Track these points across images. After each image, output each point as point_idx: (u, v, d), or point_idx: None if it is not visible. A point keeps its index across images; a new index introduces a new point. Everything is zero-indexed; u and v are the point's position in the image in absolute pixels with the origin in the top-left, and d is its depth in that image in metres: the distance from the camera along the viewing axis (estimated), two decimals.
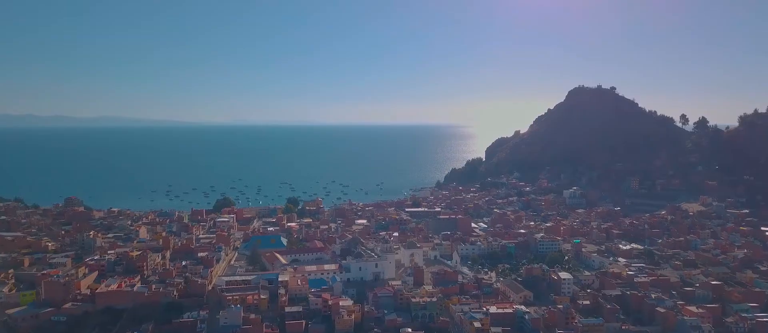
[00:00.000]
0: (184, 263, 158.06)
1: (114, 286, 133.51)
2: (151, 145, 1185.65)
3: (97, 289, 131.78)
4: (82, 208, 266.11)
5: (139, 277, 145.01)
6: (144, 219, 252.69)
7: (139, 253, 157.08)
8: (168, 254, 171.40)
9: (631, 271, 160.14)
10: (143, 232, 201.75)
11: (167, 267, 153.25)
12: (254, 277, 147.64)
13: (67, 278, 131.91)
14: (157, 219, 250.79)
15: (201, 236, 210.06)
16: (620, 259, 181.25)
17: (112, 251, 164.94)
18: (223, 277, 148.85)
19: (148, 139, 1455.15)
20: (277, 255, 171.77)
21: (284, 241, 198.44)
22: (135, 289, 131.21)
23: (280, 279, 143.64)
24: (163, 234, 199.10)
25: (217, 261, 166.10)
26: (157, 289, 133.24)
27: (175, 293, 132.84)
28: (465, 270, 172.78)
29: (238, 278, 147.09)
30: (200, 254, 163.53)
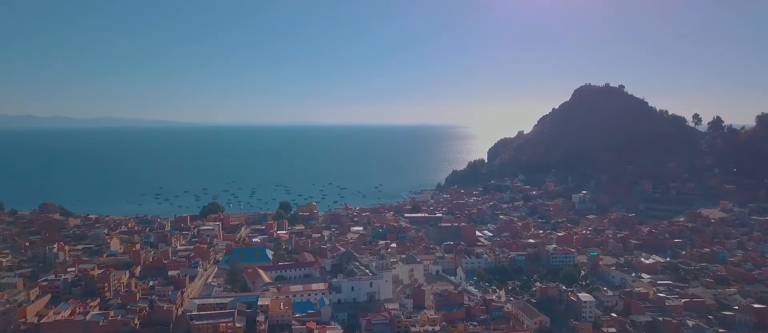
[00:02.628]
0: (151, 283, 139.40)
1: (66, 313, 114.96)
2: (148, 146, 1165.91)
3: (45, 316, 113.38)
4: (57, 215, 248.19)
5: (98, 300, 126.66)
6: (122, 227, 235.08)
7: (101, 271, 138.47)
8: (138, 271, 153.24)
9: (660, 291, 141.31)
10: (115, 244, 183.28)
11: (132, 288, 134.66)
12: (231, 299, 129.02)
13: (8, 305, 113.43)
14: (136, 227, 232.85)
15: (180, 248, 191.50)
16: (644, 274, 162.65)
17: (73, 268, 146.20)
18: (195, 300, 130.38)
19: (145, 140, 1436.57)
20: (260, 271, 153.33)
21: (270, 253, 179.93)
22: (88, 317, 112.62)
23: (260, 302, 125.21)
24: (137, 246, 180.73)
25: (192, 279, 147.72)
26: (115, 316, 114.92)
27: (136, 321, 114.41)
28: (471, 288, 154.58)
29: (212, 301, 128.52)
30: (171, 272, 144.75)
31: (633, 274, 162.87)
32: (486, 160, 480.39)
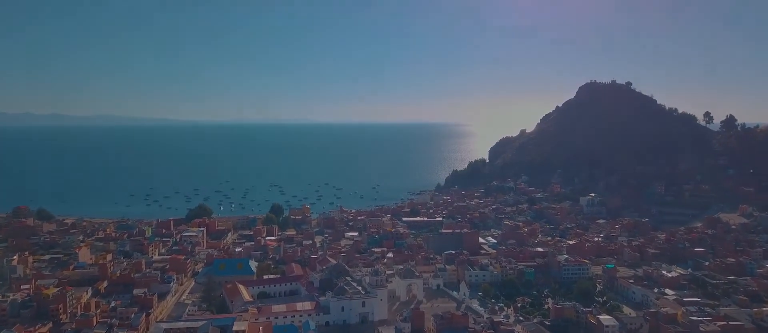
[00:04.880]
0: (113, 304, 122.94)
1: None
2: (143, 145, 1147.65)
3: None
4: (31, 220, 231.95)
5: (50, 325, 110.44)
6: (100, 233, 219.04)
7: (58, 289, 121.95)
8: (104, 287, 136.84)
9: (692, 313, 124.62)
10: (85, 254, 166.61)
11: (91, 310, 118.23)
12: (203, 323, 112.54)
13: None
14: (114, 233, 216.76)
15: (157, 258, 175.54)
16: (667, 290, 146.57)
17: (28, 286, 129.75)
18: (162, 323, 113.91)
19: (141, 138, 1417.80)
20: (241, 287, 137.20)
21: (253, 265, 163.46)
22: None
23: (235, 327, 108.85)
24: (108, 257, 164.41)
25: (163, 297, 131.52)
26: None
27: None
28: (475, 306, 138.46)
29: (181, 325, 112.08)
30: (136, 291, 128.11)
31: (655, 290, 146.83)
32: (487, 160, 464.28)
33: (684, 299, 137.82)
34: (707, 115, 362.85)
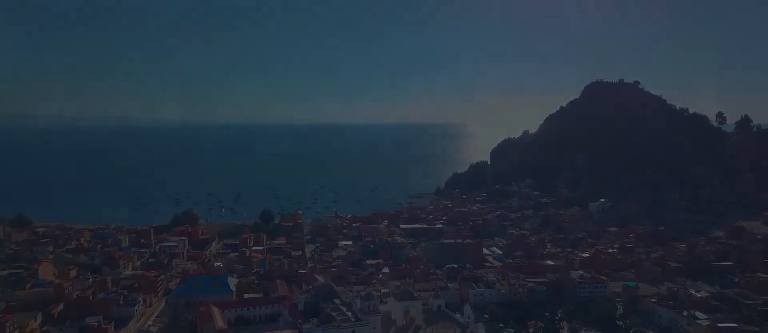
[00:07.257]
0: None
1: None
2: (140, 146, 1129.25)
3: None
4: (0, 228, 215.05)
5: None
6: (72, 242, 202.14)
7: None
8: (58, 311, 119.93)
9: None
10: (46, 270, 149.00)
11: None
12: None
13: None
14: (88, 243, 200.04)
15: (127, 274, 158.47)
16: (698, 313, 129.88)
17: None
18: None
19: (140, 139, 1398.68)
20: (215, 310, 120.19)
21: (233, 283, 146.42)
22: None
23: None
24: (72, 272, 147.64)
25: (124, 323, 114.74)
26: None
27: None
28: (482, 332, 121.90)
29: None
30: (90, 319, 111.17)
31: (684, 313, 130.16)
32: (489, 162, 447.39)
33: (719, 325, 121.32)
34: (720, 115, 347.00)
